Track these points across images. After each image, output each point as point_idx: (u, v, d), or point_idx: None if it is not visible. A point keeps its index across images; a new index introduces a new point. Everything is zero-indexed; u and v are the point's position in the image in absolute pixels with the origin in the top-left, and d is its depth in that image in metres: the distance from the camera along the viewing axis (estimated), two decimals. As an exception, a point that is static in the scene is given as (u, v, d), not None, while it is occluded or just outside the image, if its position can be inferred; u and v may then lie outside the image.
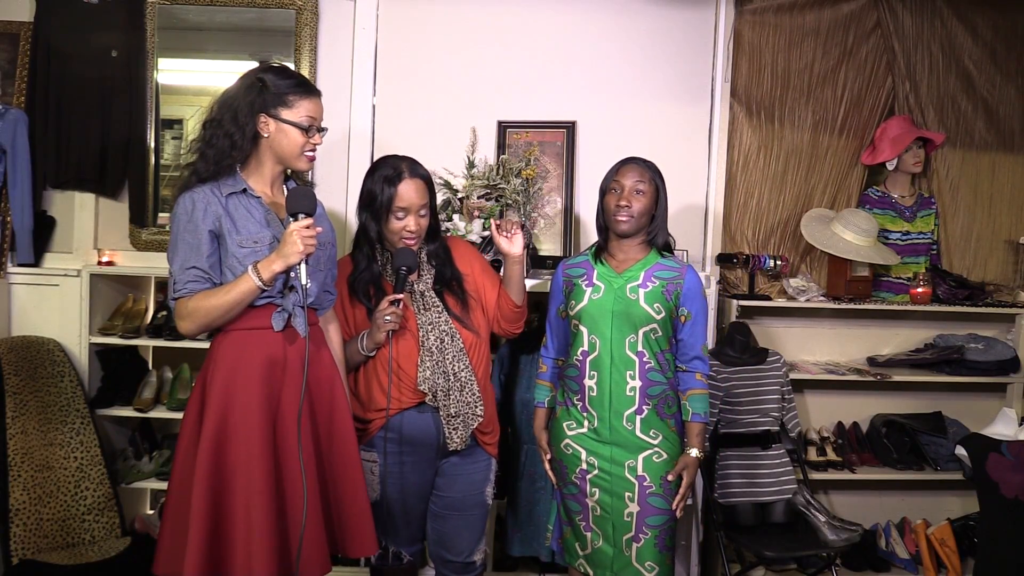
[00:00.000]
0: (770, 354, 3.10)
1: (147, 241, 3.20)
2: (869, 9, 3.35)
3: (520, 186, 3.11)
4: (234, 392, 1.96)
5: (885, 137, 3.34)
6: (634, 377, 2.30)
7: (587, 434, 2.33)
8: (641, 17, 3.26)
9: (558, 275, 2.48)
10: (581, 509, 2.35)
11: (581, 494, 2.34)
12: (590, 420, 2.33)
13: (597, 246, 2.45)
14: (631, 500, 2.29)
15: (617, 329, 2.31)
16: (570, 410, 2.38)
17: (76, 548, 2.82)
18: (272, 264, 1.93)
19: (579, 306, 2.35)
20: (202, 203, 1.96)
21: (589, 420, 2.33)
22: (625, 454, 2.30)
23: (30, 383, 2.93)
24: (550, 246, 3.23)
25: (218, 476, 1.93)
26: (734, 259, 3.28)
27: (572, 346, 2.38)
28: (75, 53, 3.13)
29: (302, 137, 2.02)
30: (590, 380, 2.33)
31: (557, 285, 2.47)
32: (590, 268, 2.39)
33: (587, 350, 2.33)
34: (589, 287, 2.35)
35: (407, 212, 2.27)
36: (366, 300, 2.32)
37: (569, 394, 2.39)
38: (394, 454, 2.29)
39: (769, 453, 3.00)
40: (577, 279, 2.40)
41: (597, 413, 2.32)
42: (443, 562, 2.44)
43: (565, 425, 2.38)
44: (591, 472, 2.32)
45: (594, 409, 2.32)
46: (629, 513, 2.29)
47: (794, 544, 2.86)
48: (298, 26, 3.16)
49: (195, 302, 1.94)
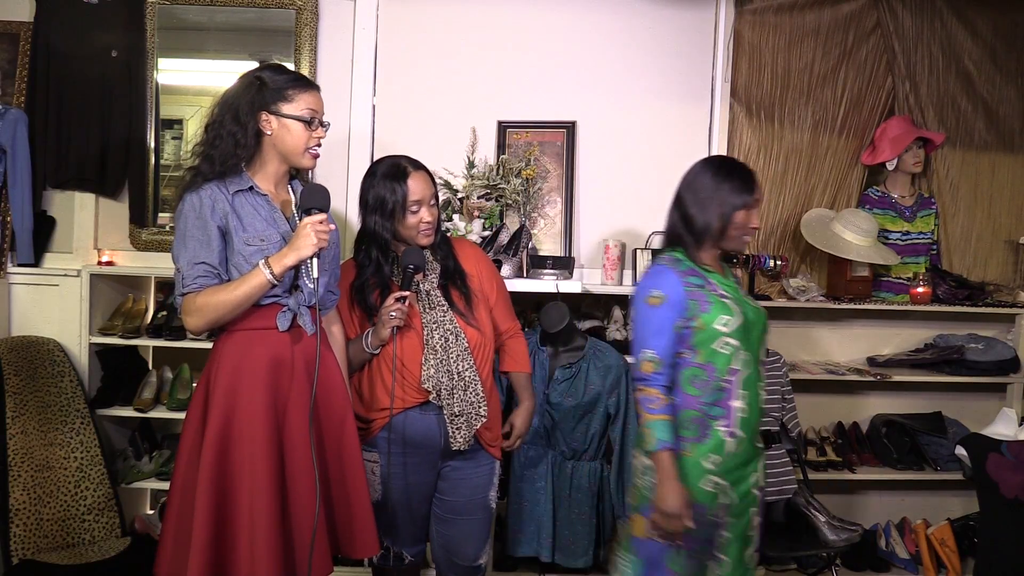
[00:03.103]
0: (770, 354, 3.10)
1: (147, 241, 3.20)
2: (869, 9, 3.35)
3: (520, 186, 3.12)
4: (238, 392, 1.96)
5: (885, 137, 3.34)
6: (763, 388, 2.17)
7: (729, 460, 2.07)
8: (641, 17, 3.26)
9: (675, 284, 2.09)
10: (710, 550, 2.10)
11: (717, 536, 2.08)
12: (737, 443, 2.07)
13: (684, 250, 2.16)
14: (755, 513, 2.17)
15: (759, 340, 2.15)
16: (706, 441, 2.06)
17: (76, 548, 2.82)
18: (284, 258, 1.93)
19: (731, 319, 2.06)
20: (209, 200, 1.96)
21: (737, 443, 2.07)
22: (753, 466, 2.15)
23: (30, 383, 2.92)
24: (550, 246, 3.23)
25: (222, 477, 1.93)
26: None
27: (716, 366, 2.07)
28: (75, 53, 3.12)
29: (305, 131, 2.02)
30: (740, 401, 2.07)
31: (678, 296, 2.07)
32: (703, 275, 2.12)
33: (739, 368, 2.07)
34: (727, 299, 2.10)
35: (421, 204, 2.29)
36: (373, 303, 2.31)
37: (708, 420, 2.07)
38: (396, 454, 2.29)
39: (769, 453, 3.00)
40: (700, 288, 2.09)
41: (745, 434, 2.09)
42: (448, 566, 2.44)
43: (704, 461, 2.06)
44: (731, 502, 2.09)
45: (743, 431, 2.08)
46: (753, 526, 2.17)
47: (794, 544, 2.86)
48: (298, 26, 3.16)
49: (204, 297, 1.93)
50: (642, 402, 2.07)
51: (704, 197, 2.13)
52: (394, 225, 2.30)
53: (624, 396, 2.84)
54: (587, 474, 2.83)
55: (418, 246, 2.31)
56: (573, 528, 2.83)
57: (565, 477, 2.83)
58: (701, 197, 2.13)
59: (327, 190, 2.01)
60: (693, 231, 2.14)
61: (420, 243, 2.31)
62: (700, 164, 2.20)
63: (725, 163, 2.19)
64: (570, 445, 2.82)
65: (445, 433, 2.29)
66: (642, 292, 2.12)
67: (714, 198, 2.11)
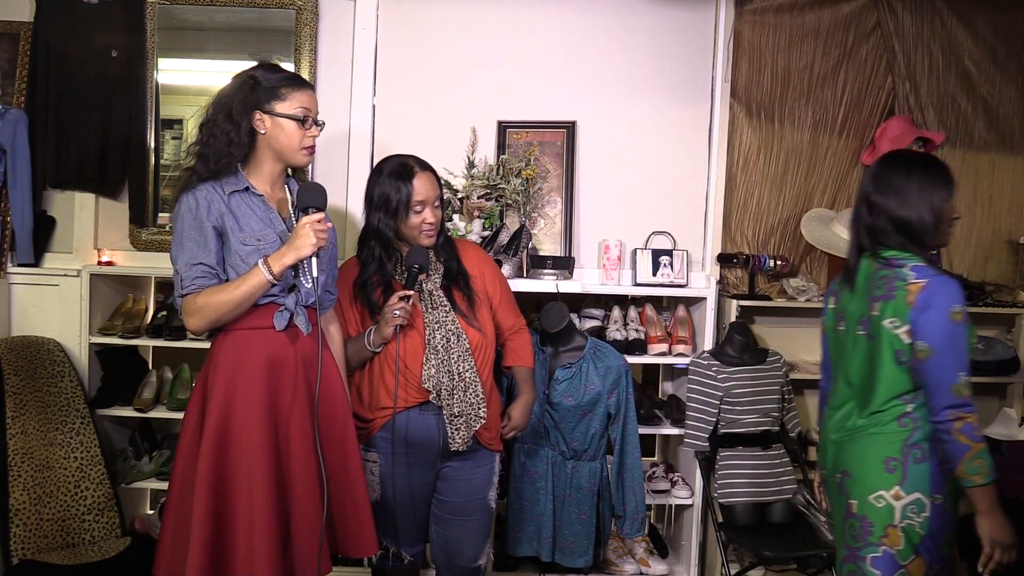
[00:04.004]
0: (770, 354, 3.10)
1: (147, 241, 3.20)
2: (869, 9, 3.35)
3: (520, 186, 3.12)
4: (236, 392, 1.96)
5: (885, 137, 3.34)
6: None
7: None
8: (641, 17, 3.26)
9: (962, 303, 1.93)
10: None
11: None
12: None
13: (928, 259, 2.03)
14: None
15: None
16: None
17: (76, 548, 2.82)
18: (283, 257, 1.93)
19: None
20: (205, 200, 1.96)
21: None
22: None
23: (30, 383, 2.92)
24: (550, 246, 3.23)
25: (220, 476, 1.93)
26: (734, 259, 3.28)
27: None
28: (75, 53, 3.12)
29: (299, 130, 2.02)
30: None
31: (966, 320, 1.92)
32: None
33: None
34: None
35: (425, 205, 2.29)
36: (375, 301, 2.31)
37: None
38: (396, 454, 2.29)
39: (769, 453, 3.00)
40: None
41: None
42: (448, 566, 2.44)
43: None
44: None
45: None
46: None
47: (794, 544, 2.86)
48: (298, 26, 3.16)
49: (204, 298, 1.93)
50: (966, 431, 1.87)
51: (911, 196, 2.01)
52: (397, 224, 2.30)
53: (624, 396, 2.84)
54: (587, 474, 2.83)
55: (420, 246, 2.31)
56: (573, 528, 2.83)
57: (565, 477, 2.83)
58: (907, 197, 2.01)
59: (324, 189, 2.01)
60: (910, 232, 2.01)
61: (422, 243, 2.32)
62: (884, 166, 2.08)
63: (914, 157, 2.12)
64: (570, 445, 2.82)
65: (444, 433, 2.29)
66: (945, 306, 1.91)
67: (921, 194, 2.01)
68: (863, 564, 2.00)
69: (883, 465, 1.98)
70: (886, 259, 2.02)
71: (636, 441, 2.89)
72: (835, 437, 2.10)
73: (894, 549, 1.97)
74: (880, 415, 2.00)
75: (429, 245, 2.34)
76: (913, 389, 1.97)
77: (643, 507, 2.89)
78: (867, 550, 1.99)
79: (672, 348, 3.17)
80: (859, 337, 2.05)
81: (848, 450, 2.06)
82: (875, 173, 2.08)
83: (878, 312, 1.98)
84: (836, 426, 2.11)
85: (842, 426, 2.09)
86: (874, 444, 2.00)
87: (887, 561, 1.97)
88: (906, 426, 1.98)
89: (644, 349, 3.16)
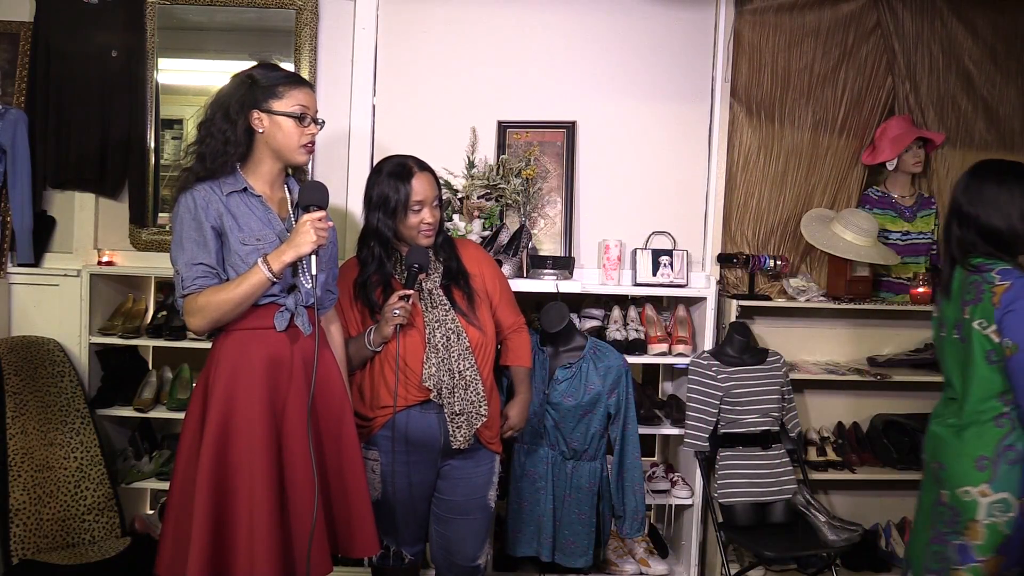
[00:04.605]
0: (770, 354, 3.10)
1: (147, 241, 3.20)
2: (869, 9, 3.35)
3: (520, 186, 3.12)
4: (237, 392, 1.96)
5: (885, 137, 3.34)
6: None
7: None
8: (641, 17, 3.26)
9: None
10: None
11: None
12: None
13: (1017, 264, 2.10)
14: None
15: None
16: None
17: (76, 548, 2.82)
18: (283, 255, 1.93)
19: None
20: (203, 201, 1.96)
21: None
22: None
23: (30, 383, 2.92)
24: (550, 246, 3.23)
25: (221, 476, 1.93)
26: (734, 259, 3.28)
27: None
28: (75, 53, 3.12)
29: (296, 128, 2.02)
30: None
31: None
32: None
33: None
34: None
35: (423, 205, 2.31)
36: (375, 301, 2.32)
37: None
38: (397, 452, 2.29)
39: (769, 453, 3.00)
40: None
41: None
42: (448, 566, 2.44)
43: None
44: None
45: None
46: None
47: (794, 544, 2.86)
48: (298, 26, 3.16)
49: (205, 297, 1.94)
50: None
51: (1002, 205, 2.10)
52: (395, 223, 2.31)
53: (624, 396, 2.84)
54: (587, 474, 2.83)
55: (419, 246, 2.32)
56: (573, 528, 2.83)
57: (565, 477, 2.83)
58: (998, 206, 2.11)
59: (326, 187, 2.02)
60: (1000, 241, 2.11)
61: (420, 243, 2.32)
62: (974, 176, 2.16)
63: (1003, 166, 2.17)
64: (570, 445, 2.82)
65: (445, 432, 2.29)
66: None
67: (1012, 202, 2.10)
68: (948, 548, 2.11)
69: (975, 463, 2.06)
70: (975, 266, 2.12)
71: (636, 441, 2.89)
72: (937, 430, 2.21)
73: (973, 543, 2.06)
74: (978, 415, 2.08)
75: (428, 245, 2.34)
76: (1008, 390, 2.04)
77: (643, 507, 2.89)
78: (952, 536, 2.11)
79: (672, 348, 3.17)
80: (955, 341, 2.15)
81: (946, 444, 2.15)
82: (966, 184, 2.17)
83: (968, 315, 2.09)
84: (939, 420, 2.21)
85: (944, 421, 2.19)
86: (969, 441, 2.09)
87: (965, 552, 2.08)
88: (1003, 426, 2.06)
89: (644, 349, 3.16)
